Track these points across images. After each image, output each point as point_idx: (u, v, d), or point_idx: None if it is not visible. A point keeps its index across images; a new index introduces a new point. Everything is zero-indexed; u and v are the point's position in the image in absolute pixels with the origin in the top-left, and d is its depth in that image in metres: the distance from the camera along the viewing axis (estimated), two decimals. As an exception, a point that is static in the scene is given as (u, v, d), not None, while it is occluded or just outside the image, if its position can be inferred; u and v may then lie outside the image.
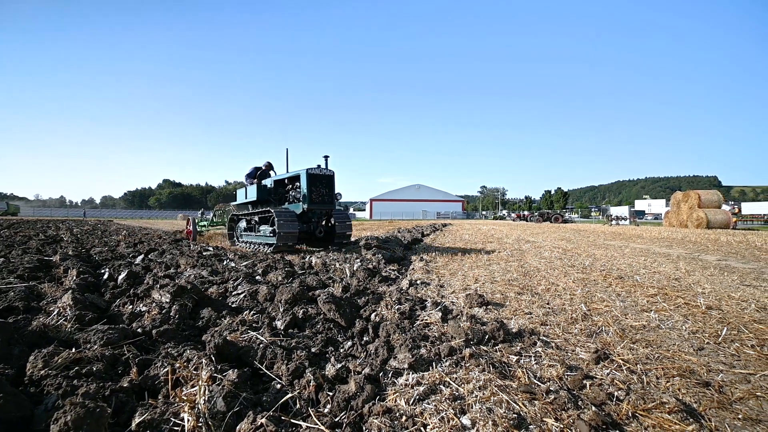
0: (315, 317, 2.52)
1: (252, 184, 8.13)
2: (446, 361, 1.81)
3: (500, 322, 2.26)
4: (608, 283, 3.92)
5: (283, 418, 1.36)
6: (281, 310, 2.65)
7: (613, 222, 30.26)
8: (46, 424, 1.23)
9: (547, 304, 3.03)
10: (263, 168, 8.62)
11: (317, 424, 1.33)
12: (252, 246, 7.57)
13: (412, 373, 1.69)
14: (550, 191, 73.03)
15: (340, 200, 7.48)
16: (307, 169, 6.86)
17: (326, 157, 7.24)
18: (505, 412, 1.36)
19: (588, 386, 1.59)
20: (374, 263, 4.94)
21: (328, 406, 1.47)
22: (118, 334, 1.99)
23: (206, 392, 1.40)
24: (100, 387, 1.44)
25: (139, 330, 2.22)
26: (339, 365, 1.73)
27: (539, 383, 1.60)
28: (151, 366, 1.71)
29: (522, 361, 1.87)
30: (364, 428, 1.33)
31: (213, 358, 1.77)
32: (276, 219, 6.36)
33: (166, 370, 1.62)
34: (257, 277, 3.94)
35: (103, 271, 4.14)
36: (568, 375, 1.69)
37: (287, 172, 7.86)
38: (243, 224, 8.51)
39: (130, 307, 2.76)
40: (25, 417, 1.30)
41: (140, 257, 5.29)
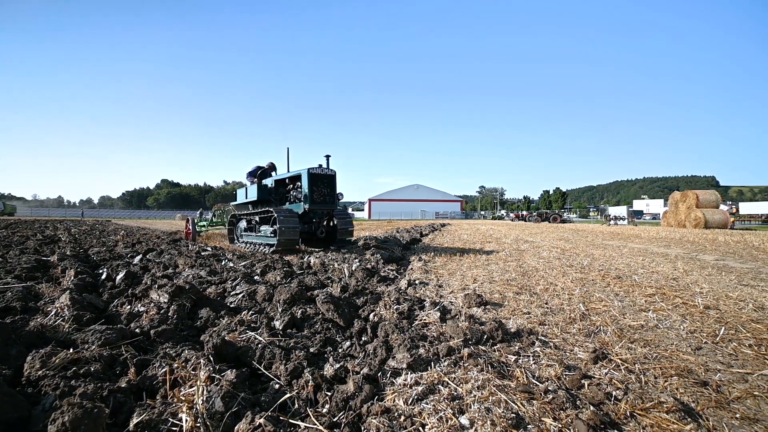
0: (313, 317, 2.52)
1: (253, 183, 8.06)
2: (445, 361, 1.81)
3: (499, 322, 2.26)
4: (606, 282, 3.93)
5: (281, 418, 1.36)
6: (280, 310, 2.65)
7: (612, 222, 30.34)
8: (43, 424, 1.23)
9: (546, 303, 3.03)
10: (266, 168, 8.51)
11: (316, 424, 1.33)
12: (252, 246, 7.51)
13: (411, 373, 1.69)
14: (548, 191, 73.20)
15: (341, 200, 7.43)
16: (309, 169, 6.77)
17: (328, 156, 7.17)
18: (503, 412, 1.37)
19: (586, 386, 1.59)
20: (373, 263, 4.94)
21: (327, 406, 1.47)
22: (116, 335, 1.98)
23: (204, 392, 1.40)
24: (98, 387, 1.44)
25: (137, 330, 2.21)
26: (337, 365, 1.73)
27: (537, 383, 1.60)
28: (149, 366, 1.71)
29: (520, 360, 1.88)
30: (362, 428, 1.33)
31: (211, 359, 1.77)
32: (277, 219, 6.29)
33: (164, 370, 1.62)
34: (256, 277, 3.93)
35: (101, 271, 4.12)
36: (566, 375, 1.70)
37: (288, 171, 7.78)
38: (243, 224, 8.45)
39: (128, 307, 2.75)
40: (22, 417, 1.29)
41: (138, 257, 5.27)
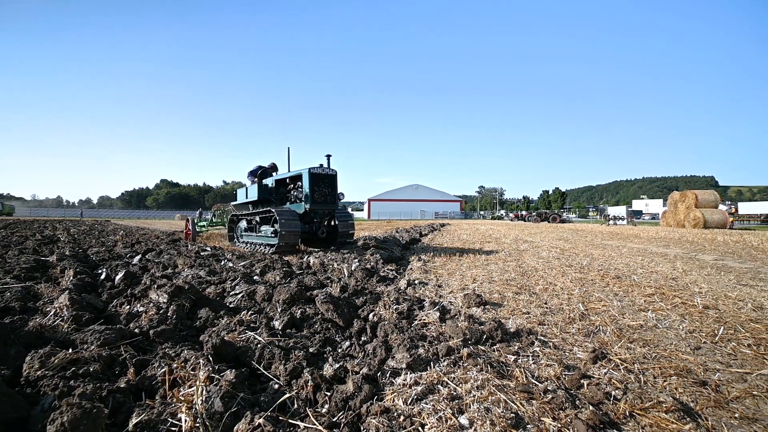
0: (313, 317, 2.51)
1: (253, 183, 8.01)
2: (444, 360, 1.81)
3: (498, 322, 2.26)
4: (606, 282, 3.94)
5: (280, 418, 1.36)
6: (279, 310, 2.65)
7: (611, 222, 30.36)
8: (42, 424, 1.23)
9: (545, 303, 3.03)
10: (267, 168, 8.45)
11: (315, 424, 1.33)
12: (253, 246, 7.47)
13: (410, 373, 1.69)
14: (547, 191, 73.25)
15: (342, 200, 7.39)
16: (310, 169, 6.71)
17: (328, 156, 7.10)
18: (502, 412, 1.37)
19: (585, 386, 1.60)
20: (372, 263, 4.94)
21: (326, 406, 1.47)
22: (115, 335, 1.98)
23: (204, 392, 1.40)
24: (97, 387, 1.44)
25: (136, 330, 2.21)
26: (337, 365, 1.73)
27: (537, 383, 1.60)
28: (149, 366, 1.71)
29: (520, 360, 1.88)
30: (361, 428, 1.34)
31: (210, 359, 1.77)
32: (278, 219, 6.24)
33: (163, 370, 1.62)
34: (255, 277, 3.93)
35: (100, 271, 4.12)
36: (565, 374, 1.70)
37: (289, 171, 7.72)
38: (243, 224, 8.40)
39: (128, 307, 2.75)
40: (21, 418, 1.29)
41: (137, 257, 5.27)
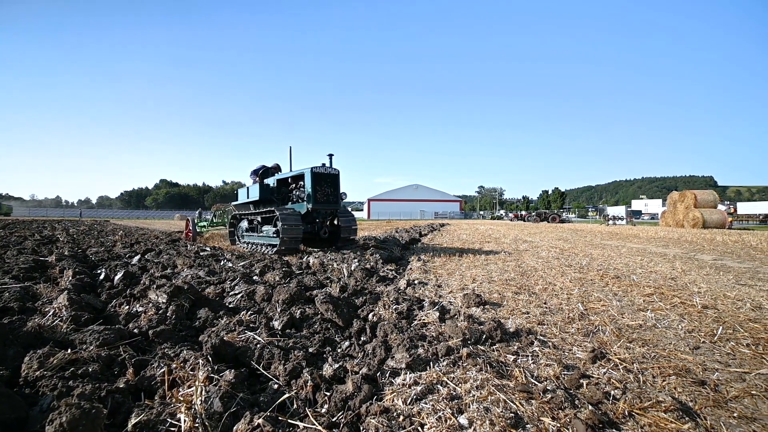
0: (312, 317, 2.51)
1: (255, 182, 7.96)
2: (444, 360, 1.81)
3: (497, 322, 2.26)
4: (605, 282, 3.94)
5: (280, 418, 1.36)
6: (278, 310, 2.64)
7: (610, 222, 30.40)
8: (41, 425, 1.22)
9: (545, 303, 3.04)
10: (270, 168, 8.37)
11: (314, 424, 1.33)
12: (254, 247, 7.42)
13: (410, 373, 1.69)
14: (547, 191, 73.27)
15: (345, 200, 7.36)
16: (312, 168, 6.64)
17: (331, 155, 7.04)
18: (502, 412, 1.37)
19: (585, 385, 1.60)
20: (372, 263, 4.94)
21: (326, 406, 1.47)
22: (115, 335, 1.98)
23: (203, 393, 1.40)
24: (96, 388, 1.44)
25: (135, 330, 2.21)
26: (336, 365, 1.72)
27: (536, 382, 1.60)
28: (148, 366, 1.71)
29: (519, 360, 1.88)
30: (361, 428, 1.33)
31: (210, 359, 1.76)
32: (280, 219, 6.19)
33: (162, 370, 1.62)
34: (254, 278, 3.93)
35: (99, 271, 4.11)
36: (564, 374, 1.70)
37: (290, 170, 7.64)
38: (245, 224, 8.33)
39: (127, 307, 2.75)
40: (20, 418, 1.29)
41: (137, 257, 5.26)
